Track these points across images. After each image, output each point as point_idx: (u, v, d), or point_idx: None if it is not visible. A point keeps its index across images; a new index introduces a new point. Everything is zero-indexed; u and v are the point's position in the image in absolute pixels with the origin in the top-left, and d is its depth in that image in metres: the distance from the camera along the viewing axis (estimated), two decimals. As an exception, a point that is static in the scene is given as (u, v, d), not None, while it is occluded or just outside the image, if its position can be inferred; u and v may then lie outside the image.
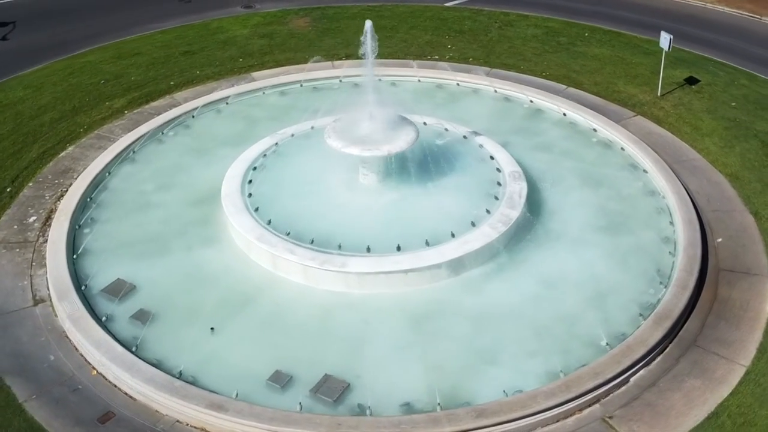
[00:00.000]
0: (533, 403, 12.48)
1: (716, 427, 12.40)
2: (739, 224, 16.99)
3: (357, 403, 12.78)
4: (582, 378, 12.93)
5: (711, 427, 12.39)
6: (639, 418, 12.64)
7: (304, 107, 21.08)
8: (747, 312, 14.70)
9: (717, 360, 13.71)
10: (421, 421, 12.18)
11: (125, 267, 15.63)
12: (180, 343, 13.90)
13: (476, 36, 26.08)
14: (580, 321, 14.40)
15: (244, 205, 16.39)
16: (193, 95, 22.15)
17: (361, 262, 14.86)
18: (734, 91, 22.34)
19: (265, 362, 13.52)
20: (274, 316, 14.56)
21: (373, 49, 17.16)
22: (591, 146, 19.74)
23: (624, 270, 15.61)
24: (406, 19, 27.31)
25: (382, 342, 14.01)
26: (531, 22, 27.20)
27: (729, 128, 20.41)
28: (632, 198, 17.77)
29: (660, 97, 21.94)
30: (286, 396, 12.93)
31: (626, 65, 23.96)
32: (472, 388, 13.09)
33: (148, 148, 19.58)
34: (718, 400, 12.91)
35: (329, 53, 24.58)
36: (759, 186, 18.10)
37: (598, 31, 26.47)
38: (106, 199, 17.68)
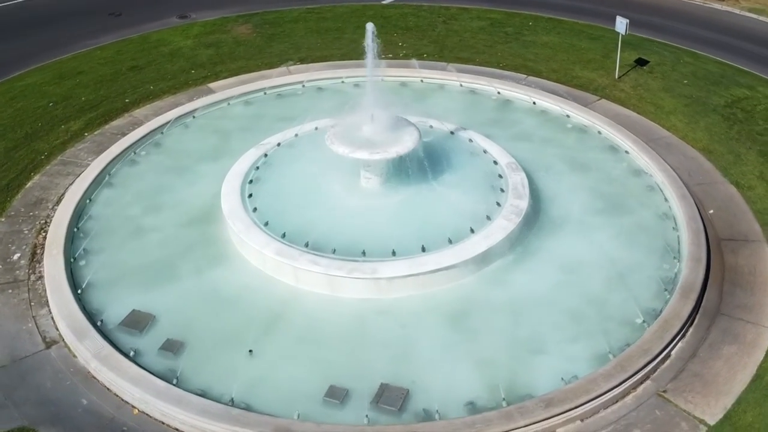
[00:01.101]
0: (595, 386, 12.70)
1: (762, 389, 12.96)
2: (725, 195, 17.83)
3: (422, 409, 12.64)
4: (632, 357, 13.25)
5: (758, 389, 12.96)
6: (691, 389, 13.08)
7: (273, 115, 20.79)
8: (756, 277, 15.46)
9: (744, 325, 14.36)
10: (494, 418, 12.17)
11: (136, 297, 14.83)
12: (220, 369, 13.33)
13: (424, 32, 26.20)
14: (609, 301, 14.76)
15: (251, 220, 15.86)
16: (154, 111, 21.23)
17: (390, 266, 14.67)
18: (682, 69, 23.43)
19: (315, 379, 13.16)
20: (308, 331, 14.17)
21: (374, 51, 16.68)
22: (568, 132, 20.22)
23: (634, 248, 16.08)
24: (349, 19, 27.09)
25: (425, 344, 13.90)
26: (473, 14, 27.55)
27: (689, 105, 21.39)
28: (621, 179, 18.33)
29: (618, 79, 22.73)
30: (347, 411, 12.64)
31: (577, 51, 24.68)
32: (528, 380, 13.18)
33: (123, 170, 18.64)
34: (756, 362, 13.53)
35: (282, 58, 24.13)
36: (731, 157, 19.06)
37: (540, 19, 27.11)
38: (93, 227, 16.70)
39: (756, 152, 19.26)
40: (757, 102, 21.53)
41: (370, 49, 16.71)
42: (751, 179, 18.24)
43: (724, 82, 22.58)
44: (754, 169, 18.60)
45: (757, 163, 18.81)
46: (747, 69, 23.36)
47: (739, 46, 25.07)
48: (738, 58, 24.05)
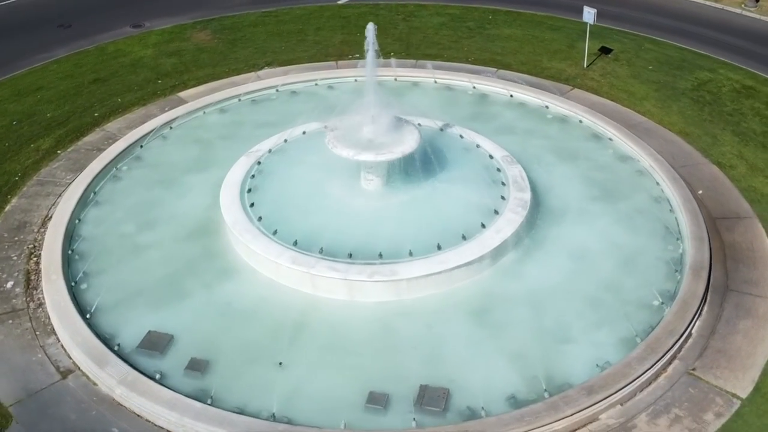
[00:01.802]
0: (631, 370, 12.92)
1: (785, 359, 13.46)
2: (709, 175, 18.42)
3: (465, 407, 12.62)
4: (660, 338, 13.55)
5: (781, 360, 13.44)
6: (717, 365, 13.47)
7: (252, 122, 20.43)
8: (755, 252, 16.04)
9: (753, 299, 14.87)
10: (541, 410, 12.25)
11: (149, 318, 14.31)
12: (253, 384, 13.02)
13: (386, 30, 26.03)
14: (623, 286, 15.05)
15: (258, 230, 15.49)
16: (126, 124, 20.52)
17: (409, 267, 14.58)
18: (645, 55, 24.09)
19: (351, 386, 12.98)
20: (334, 338, 13.95)
21: (375, 51, 16.49)
22: (549, 123, 20.50)
23: (636, 232, 16.44)
24: (308, 21, 26.79)
25: (454, 342, 13.87)
26: (431, 10, 27.64)
27: (658, 90, 22.01)
28: (610, 165, 18.70)
29: (586, 68, 23.18)
30: (392, 415, 12.52)
31: (541, 42, 25.05)
32: (563, 369, 13.31)
33: (108, 187, 17.96)
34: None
35: (248, 64, 23.68)
36: (709, 139, 19.71)
37: (498, 12, 27.41)
38: (89, 249, 16.02)
39: (730, 132, 19.96)
40: (721, 84, 22.31)
41: (371, 48, 16.36)
42: (731, 159, 18.89)
43: (686, 66, 23.32)
44: (732, 149, 19.26)
45: (734, 143, 19.49)
46: (705, 53, 24.19)
47: (695, 31, 25.93)
48: (696, 43, 24.89)
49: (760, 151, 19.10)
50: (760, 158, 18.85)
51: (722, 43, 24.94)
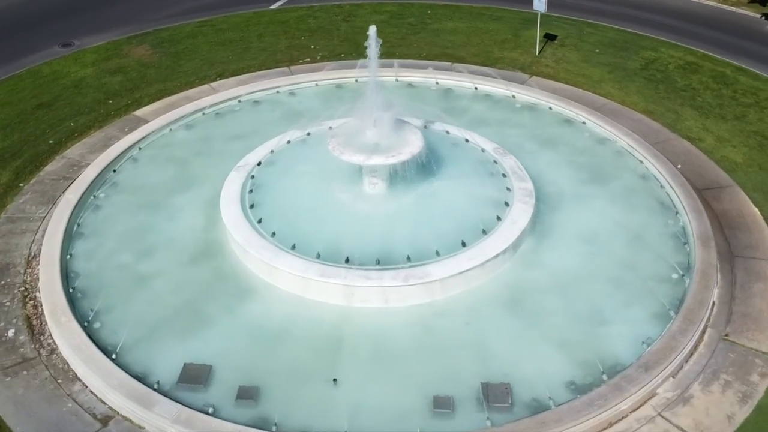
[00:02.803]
0: (676, 342, 13.35)
1: (803, 315, 14.28)
2: (682, 150, 19.24)
3: (531, 398, 12.67)
4: (693, 309, 14.05)
5: (801, 316, 14.25)
6: (747, 328, 14.13)
7: (222, 135, 19.81)
8: (746, 218, 16.90)
9: (759, 263, 15.68)
10: (607, 392, 12.46)
11: (179, 350, 13.58)
12: (312, 405, 12.61)
13: (330, 32, 25.82)
14: (638, 262, 15.49)
15: (276, 246, 14.98)
16: (87, 149, 19.38)
17: (440, 267, 14.49)
18: (589, 39, 24.90)
19: (412, 393, 12.79)
20: (378, 347, 13.68)
21: (377, 54, 16.21)
22: (520, 112, 20.83)
23: (634, 210, 16.95)
24: (247, 28, 26.09)
25: (497, 336, 13.91)
26: (369, 9, 27.51)
27: (612, 71, 22.81)
28: (589, 148, 19.20)
29: (538, 56, 23.70)
30: (462, 417, 12.43)
31: (486, 33, 25.42)
32: (609, 349, 13.56)
33: (90, 217, 16.92)
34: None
35: (198, 76, 22.85)
36: (672, 115, 20.60)
37: (435, 7, 27.61)
38: (90, 285, 15.03)
39: (689, 107, 20.93)
40: (667, 62, 23.36)
41: (373, 50, 16.09)
42: (698, 132, 19.82)
43: (630, 47, 24.27)
44: (695, 123, 20.21)
45: (696, 117, 20.46)
46: (644, 34, 25.24)
47: (629, 14, 26.99)
48: (632, 25, 25.92)
49: (721, 123, 20.12)
50: (723, 129, 19.86)
51: (658, 23, 26.08)
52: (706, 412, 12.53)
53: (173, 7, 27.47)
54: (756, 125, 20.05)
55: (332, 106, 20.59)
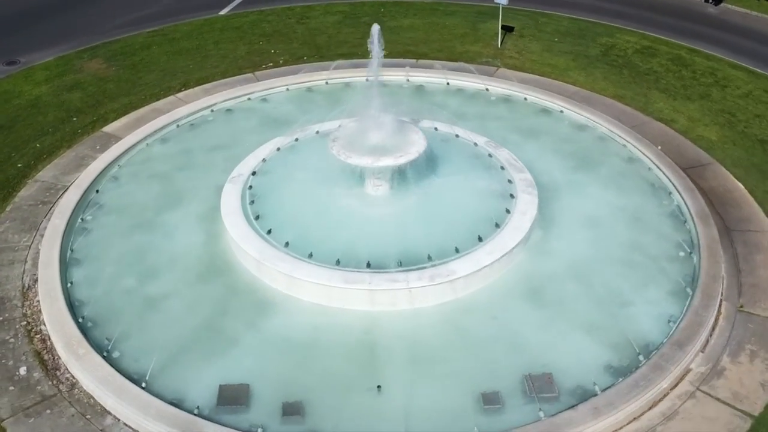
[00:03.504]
0: (701, 318, 13.76)
1: (807, 281, 14.96)
2: (658, 131, 19.84)
3: (575, 386, 12.80)
4: (709, 284, 14.50)
5: (805, 282, 14.92)
6: (758, 298, 14.70)
7: (202, 146, 19.30)
8: (733, 193, 17.58)
9: (755, 235, 16.33)
10: (648, 372, 12.73)
11: (210, 373, 13.11)
12: (360, 415, 12.41)
13: (287, 35, 25.44)
14: (644, 243, 15.87)
15: (293, 257, 14.63)
16: (61, 170, 18.51)
17: (463, 264, 14.48)
18: (545, 29, 25.38)
19: (457, 392, 12.71)
20: (415, 351, 13.50)
21: (379, 53, 16.01)
22: (495, 104, 21.05)
23: (628, 193, 17.36)
24: (201, 36, 25.43)
25: (526, 327, 13.95)
26: (321, 10, 27.26)
27: (575, 59, 23.31)
28: (573, 137, 19.56)
29: (501, 48, 23.98)
30: (514, 411, 12.45)
31: (444, 28, 25.56)
32: (636, 330, 13.80)
33: (82, 242, 16.15)
34: (787, 261, 15.50)
35: (162, 88, 22.11)
36: (642, 99, 21.23)
37: (387, 4, 27.61)
38: (98, 313, 14.31)
39: (656, 90, 21.61)
40: (624, 47, 24.06)
41: (376, 51, 15.90)
42: (670, 114, 20.48)
43: (586, 34, 24.86)
44: (665, 105, 20.88)
45: (664, 99, 21.14)
46: (597, 21, 25.90)
47: (578, 2, 27.62)
48: (584, 13, 26.58)
49: (689, 103, 20.86)
50: (692, 109, 20.58)
51: (608, 11, 26.79)
52: (740, 383, 12.95)
53: (117, 19, 26.47)
54: (721, 103, 20.86)
55: (308, 110, 20.50)
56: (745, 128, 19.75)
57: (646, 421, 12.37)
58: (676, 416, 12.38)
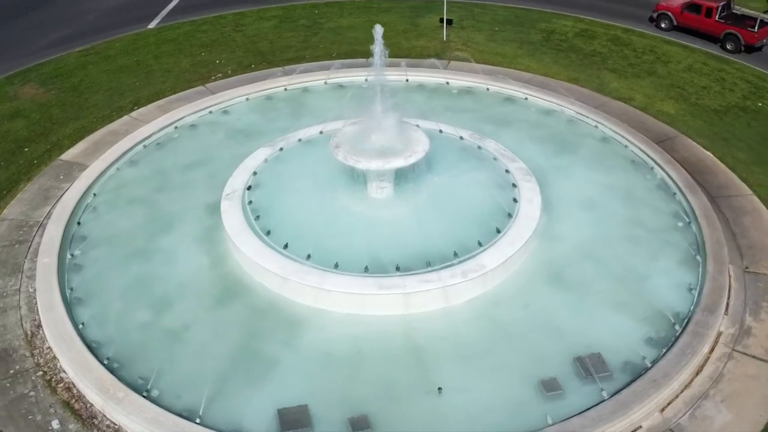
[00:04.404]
0: (720, 283, 14.44)
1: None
2: (619, 110, 20.59)
3: (624, 362, 13.12)
4: (716, 251, 15.19)
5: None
6: (758, 258, 15.61)
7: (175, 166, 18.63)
8: (705, 161, 18.52)
9: (736, 198, 17.31)
10: (691, 340, 13.25)
11: (262, 399, 12.68)
12: (431, 420, 12.24)
13: (226, 44, 24.70)
14: (641, 218, 16.51)
15: (319, 269, 14.27)
16: (28, 206, 17.35)
17: (490, 256, 14.56)
18: (483, 19, 25.82)
19: (516, 384, 12.84)
20: (459, 348, 13.49)
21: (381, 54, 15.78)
22: (459, 97, 21.22)
23: (611, 171, 17.96)
24: (138, 51, 24.27)
25: (559, 312, 14.21)
26: (255, 16, 26.63)
27: (521, 47, 23.84)
28: (542, 121, 20.01)
29: (447, 41, 24.20)
30: (576, 394, 12.63)
31: (385, 25, 24.29)
32: (663, 300, 14.32)
33: (79, 279, 15.24)
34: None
35: (112, 108, 21.06)
36: (596, 80, 21.98)
37: (319, 6, 27.29)
38: (122, 353, 13.46)
39: (606, 71, 22.44)
40: (563, 31, 24.83)
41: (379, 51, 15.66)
42: (626, 92, 21.32)
43: (524, 22, 25.48)
44: (619, 84, 21.72)
45: (617, 78, 21.98)
46: (530, 8, 26.55)
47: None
48: (516, 2, 27.10)
49: (640, 81, 21.78)
50: (644, 86, 21.51)
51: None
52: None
53: (39, 41, 24.88)
54: (668, 78, 21.89)
55: (274, 119, 20.05)
56: (697, 100, 20.80)
57: (697, 387, 12.84)
58: (723, 378, 12.93)
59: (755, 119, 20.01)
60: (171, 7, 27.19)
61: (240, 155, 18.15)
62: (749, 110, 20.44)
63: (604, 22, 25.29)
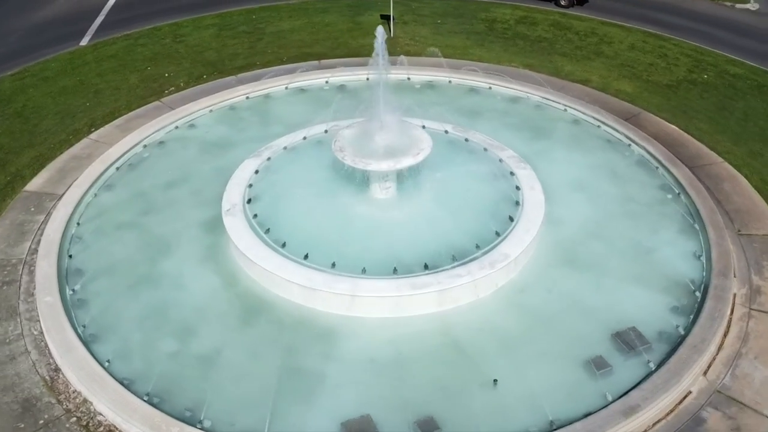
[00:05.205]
0: (724, 247, 15.13)
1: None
2: (582, 92, 21.20)
3: (657, 333, 13.61)
4: (712, 218, 15.92)
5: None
6: (746, 220, 16.47)
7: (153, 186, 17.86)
8: (671, 135, 19.40)
9: (711, 167, 18.23)
10: (716, 304, 13.84)
11: (320, 415, 12.27)
12: (496, 412, 12.35)
13: (171, 56, 23.84)
14: (633, 193, 17.07)
15: (348, 277, 14.02)
16: (5, 242, 16.22)
17: (510, 246, 14.73)
18: (422, 12, 26.03)
19: (566, 367, 13.04)
20: (501, 340, 13.54)
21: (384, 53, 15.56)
22: (422, 92, 21.29)
23: (591, 152, 18.50)
24: (78, 70, 23.00)
25: (583, 293, 14.49)
26: (191, 26, 25.82)
27: (469, 38, 24.20)
28: (511, 109, 20.41)
29: (394, 37, 24.23)
30: (624, 370, 12.95)
31: (327, 26, 25.33)
32: (675, 269, 14.94)
33: (87, 317, 14.28)
34: (745, 184, 17.52)
35: (68, 132, 19.87)
36: (550, 65, 22.60)
37: (255, 10, 26.79)
38: (160, 387, 12.69)
39: (557, 55, 23.11)
40: (505, 19, 25.41)
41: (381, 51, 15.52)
42: (581, 74, 22.06)
43: (464, 13, 25.88)
44: (573, 68, 22.43)
45: (569, 63, 22.70)
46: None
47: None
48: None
49: (591, 62, 22.59)
50: (598, 68, 22.32)
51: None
52: (778, 293, 14.55)
53: (-39, 65, 23.20)
54: (617, 58, 22.79)
55: (243, 129, 19.62)
56: (648, 77, 21.74)
57: (729, 348, 13.49)
58: (749, 337, 13.64)
59: (706, 91, 21.10)
60: (99, 22, 25.94)
61: (220, 169, 17.66)
62: (697, 83, 21.54)
63: (540, 8, 26.04)
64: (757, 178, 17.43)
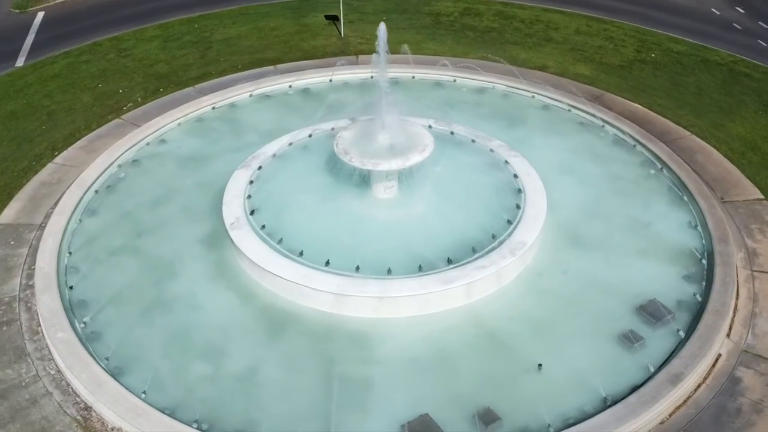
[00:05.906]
0: (716, 216, 15.94)
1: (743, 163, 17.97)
2: (543, 79, 21.64)
3: (677, 301, 14.19)
4: (699, 189, 16.75)
5: (746, 165, 17.91)
6: (727, 188, 17.36)
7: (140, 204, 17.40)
8: (636, 113, 20.15)
9: (680, 141, 19.09)
10: (725, 270, 14.54)
11: (381, 419, 12.28)
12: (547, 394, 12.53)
13: (121, 72, 22.95)
14: (618, 172, 17.77)
15: (376, 279, 13.95)
16: None
17: (526, 232, 15.00)
18: (365, 10, 26.16)
19: (605, 342, 13.49)
20: (533, 325, 13.84)
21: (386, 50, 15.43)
22: (390, 88, 21.21)
23: (569, 134, 19.09)
24: (21, 92, 22.04)
25: (597, 271, 15.01)
26: (134, 39, 24.93)
27: (419, 33, 24.39)
28: (480, 101, 20.69)
29: (344, 37, 24.14)
30: (657, 337, 13.50)
31: (274, 30, 24.94)
32: (676, 240, 15.67)
33: (103, 348, 13.64)
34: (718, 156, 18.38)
35: (30, 158, 18.86)
36: (505, 55, 22.95)
37: (196, 20, 26.09)
38: (207, 413, 12.30)
39: (509, 44, 23.58)
40: (449, 12, 25.72)
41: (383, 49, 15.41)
42: (539, 61, 22.62)
43: (407, 7, 26.09)
44: (527, 56, 22.96)
45: (524, 51, 23.22)
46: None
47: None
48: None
49: (544, 48, 23.18)
50: (551, 54, 22.92)
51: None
52: (772, 253, 15.43)
53: None
54: (567, 44, 23.50)
55: (217, 140, 19.18)
56: (601, 59, 22.52)
57: (743, 310, 14.20)
58: (758, 297, 14.41)
59: (657, 69, 22.04)
60: (30, 41, 24.62)
61: (203, 182, 17.34)
62: (647, 62, 22.47)
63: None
64: (725, 148, 18.34)
